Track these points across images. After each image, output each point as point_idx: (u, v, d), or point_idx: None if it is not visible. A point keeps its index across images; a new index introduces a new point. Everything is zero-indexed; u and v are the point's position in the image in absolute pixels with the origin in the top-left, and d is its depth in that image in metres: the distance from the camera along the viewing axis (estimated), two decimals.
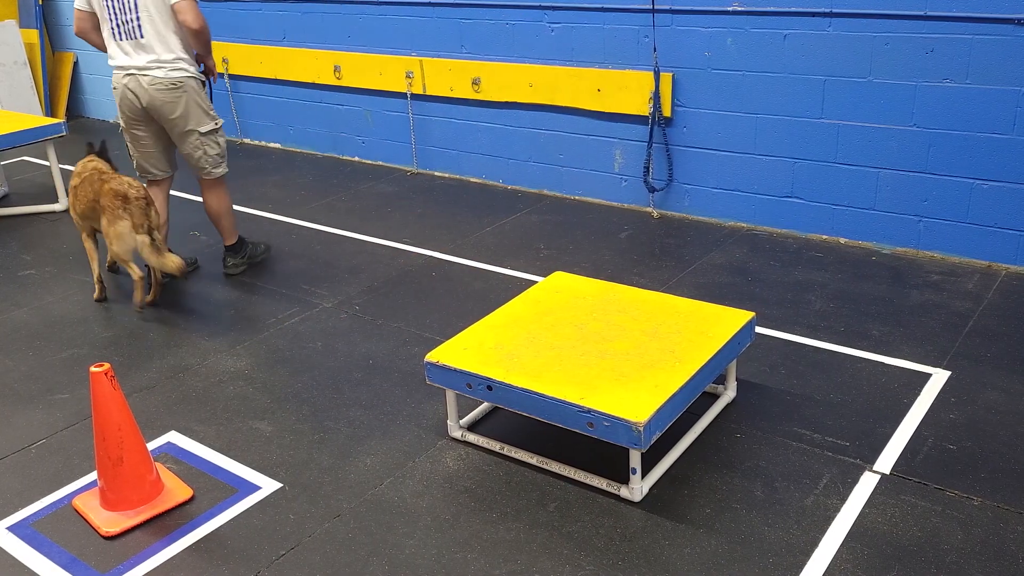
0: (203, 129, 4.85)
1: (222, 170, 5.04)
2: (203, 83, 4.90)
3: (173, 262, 4.57)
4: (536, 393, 3.14)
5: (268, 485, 3.34)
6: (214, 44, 7.83)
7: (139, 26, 4.60)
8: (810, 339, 4.16)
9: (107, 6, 4.61)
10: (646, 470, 3.20)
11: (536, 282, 4.13)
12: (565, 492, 3.21)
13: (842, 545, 2.88)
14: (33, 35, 8.98)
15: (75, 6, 4.75)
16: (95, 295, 4.98)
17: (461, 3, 6.30)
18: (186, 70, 4.71)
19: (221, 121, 4.97)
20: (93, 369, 3.04)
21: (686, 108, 5.56)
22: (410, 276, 5.13)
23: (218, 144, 4.96)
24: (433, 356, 3.43)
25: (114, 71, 4.78)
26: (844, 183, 5.14)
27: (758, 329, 4.11)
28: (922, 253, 5.01)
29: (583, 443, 3.31)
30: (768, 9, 5.07)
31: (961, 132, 4.71)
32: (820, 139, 5.14)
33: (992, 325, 4.21)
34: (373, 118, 7.18)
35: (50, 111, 9.24)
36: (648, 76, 5.55)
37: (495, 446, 3.46)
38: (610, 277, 4.73)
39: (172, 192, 6.86)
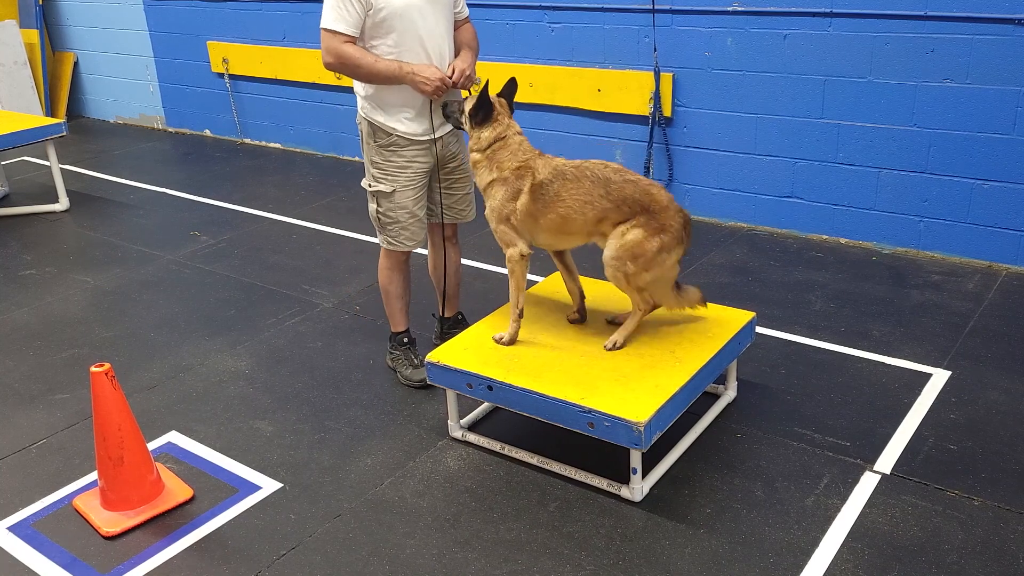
0: (363, 183, 3.87)
1: (382, 239, 3.90)
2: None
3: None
4: (536, 393, 3.14)
5: (268, 485, 3.34)
6: (216, 44, 7.91)
7: None
8: (810, 339, 4.16)
9: None
10: (646, 470, 3.19)
11: (536, 282, 4.13)
12: (566, 492, 3.21)
13: (843, 545, 2.88)
14: (33, 35, 8.98)
15: None
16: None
17: None
18: (360, 108, 3.76)
19: (386, 187, 3.73)
20: (93, 369, 3.04)
21: (686, 108, 5.55)
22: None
23: (377, 207, 3.80)
24: (434, 356, 3.43)
25: None
26: (844, 183, 5.14)
27: (758, 329, 4.11)
28: (922, 253, 5.01)
29: (583, 443, 3.30)
30: (768, 9, 5.07)
31: (961, 132, 4.71)
32: (820, 139, 5.13)
33: (993, 325, 4.21)
34: None
35: (50, 111, 9.24)
36: (648, 76, 5.55)
37: (496, 446, 3.46)
38: None
39: (177, 193, 6.89)
